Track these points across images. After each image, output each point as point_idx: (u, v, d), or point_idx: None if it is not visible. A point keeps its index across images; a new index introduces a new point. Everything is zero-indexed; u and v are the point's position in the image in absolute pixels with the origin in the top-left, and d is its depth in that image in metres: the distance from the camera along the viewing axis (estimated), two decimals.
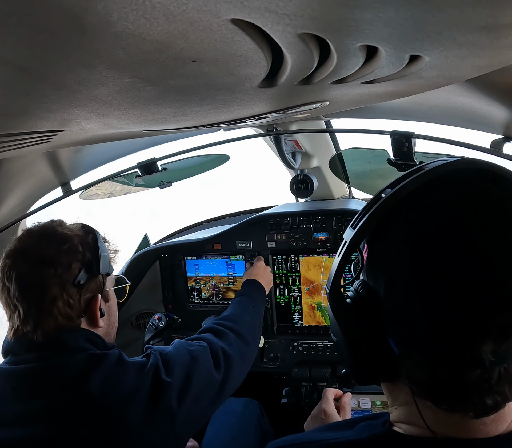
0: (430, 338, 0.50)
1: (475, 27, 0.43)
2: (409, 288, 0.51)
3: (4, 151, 0.84)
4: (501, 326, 0.46)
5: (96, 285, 1.00)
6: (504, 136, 1.17)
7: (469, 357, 0.47)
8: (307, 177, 1.98)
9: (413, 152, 1.17)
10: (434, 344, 0.49)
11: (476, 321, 0.47)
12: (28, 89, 0.48)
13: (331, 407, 1.07)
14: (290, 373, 1.80)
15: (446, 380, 0.50)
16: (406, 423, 0.58)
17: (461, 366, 0.48)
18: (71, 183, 1.51)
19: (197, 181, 2.08)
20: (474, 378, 0.48)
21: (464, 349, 0.47)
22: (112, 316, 1.08)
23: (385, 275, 0.54)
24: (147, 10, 0.31)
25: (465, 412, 0.51)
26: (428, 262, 0.50)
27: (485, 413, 0.51)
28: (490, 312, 0.46)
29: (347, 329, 0.58)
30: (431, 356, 0.50)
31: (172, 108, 0.69)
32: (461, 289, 0.47)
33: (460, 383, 0.49)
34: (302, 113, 1.08)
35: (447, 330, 0.48)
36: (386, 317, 0.54)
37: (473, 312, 0.47)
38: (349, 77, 0.61)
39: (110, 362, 0.91)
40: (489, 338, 0.46)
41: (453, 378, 0.49)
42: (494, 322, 0.46)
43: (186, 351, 1.04)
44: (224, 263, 2.01)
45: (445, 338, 0.48)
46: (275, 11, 0.34)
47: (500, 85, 0.89)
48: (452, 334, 0.48)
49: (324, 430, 0.70)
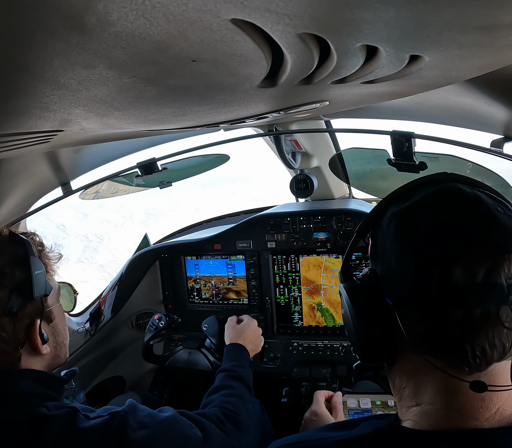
0: (414, 279, 0.56)
1: (475, 27, 0.43)
2: (395, 244, 0.60)
3: (4, 151, 0.84)
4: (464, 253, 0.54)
5: (33, 309, 0.85)
6: (504, 136, 1.17)
7: (445, 290, 0.53)
8: (307, 177, 1.98)
9: (413, 152, 1.17)
10: (417, 285, 0.55)
11: (446, 253, 0.54)
12: (28, 89, 0.48)
13: (321, 408, 1.08)
14: (290, 373, 1.80)
15: (435, 323, 0.55)
16: (415, 404, 0.60)
17: (442, 306, 0.54)
18: (71, 183, 1.51)
19: (195, 181, 2.09)
20: (457, 318, 0.53)
21: (440, 280, 0.53)
22: (59, 336, 0.94)
23: (381, 247, 0.63)
24: (147, 10, 0.31)
25: (460, 368, 0.54)
26: (408, 221, 0.60)
27: (476, 366, 0.54)
28: (458, 245, 0.54)
29: (355, 305, 0.65)
30: (417, 301, 0.56)
31: (172, 108, 0.69)
32: (435, 234, 0.56)
33: (447, 326, 0.53)
34: (302, 113, 1.08)
35: (425, 268, 0.55)
36: (382, 281, 0.62)
37: (443, 247, 0.55)
38: (349, 77, 0.61)
39: (58, 429, 0.77)
40: (458, 265, 0.53)
41: (440, 320, 0.54)
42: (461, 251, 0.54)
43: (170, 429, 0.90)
44: (224, 263, 2.01)
45: (425, 275, 0.54)
46: (275, 11, 0.34)
47: (500, 85, 0.89)
48: (429, 269, 0.54)
49: (328, 429, 0.71)
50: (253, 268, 1.95)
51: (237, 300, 2.01)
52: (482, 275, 0.52)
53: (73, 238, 12.35)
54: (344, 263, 0.72)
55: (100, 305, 2.01)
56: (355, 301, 0.66)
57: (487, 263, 0.52)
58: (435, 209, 0.59)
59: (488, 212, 0.56)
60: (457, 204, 0.58)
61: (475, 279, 0.52)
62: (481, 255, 0.53)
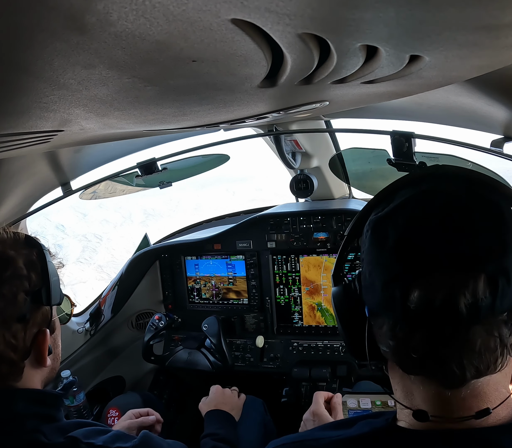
0: (381, 294, 0.55)
1: (475, 27, 0.43)
2: (370, 256, 0.59)
3: (4, 151, 0.83)
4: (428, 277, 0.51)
5: (42, 317, 0.80)
6: (504, 136, 1.17)
7: (407, 311, 0.52)
8: (307, 177, 1.98)
9: (413, 152, 1.17)
10: (385, 300, 0.55)
11: (408, 272, 0.53)
12: (28, 89, 0.48)
13: (321, 409, 1.08)
14: (290, 373, 1.80)
15: (401, 339, 0.54)
16: (408, 406, 0.60)
17: (406, 326, 0.53)
18: (71, 183, 1.51)
19: (194, 182, 2.10)
20: (418, 338, 0.52)
21: (403, 301, 0.52)
22: (57, 348, 0.90)
23: (363, 255, 0.62)
24: (147, 10, 0.31)
25: (436, 382, 0.54)
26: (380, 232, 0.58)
27: (451, 383, 0.53)
28: (421, 266, 0.52)
29: (342, 306, 0.67)
30: (386, 315, 0.56)
31: (172, 108, 0.69)
32: (404, 248, 0.54)
33: (409, 343, 0.53)
34: (302, 113, 1.08)
35: (391, 284, 0.54)
36: (363, 290, 0.62)
37: (407, 265, 0.53)
38: (349, 77, 0.61)
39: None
40: (417, 287, 0.51)
41: (404, 339, 0.54)
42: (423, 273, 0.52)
43: None
44: (224, 263, 2.01)
45: (391, 293, 0.54)
46: (275, 11, 0.34)
47: (500, 85, 0.89)
48: (394, 288, 0.53)
49: (326, 428, 0.71)
50: (253, 268, 1.95)
51: (237, 300, 2.01)
52: (439, 301, 0.50)
53: (72, 239, 12.33)
54: (335, 267, 0.71)
55: (100, 305, 2.01)
56: (338, 307, 0.68)
57: (444, 289, 0.50)
58: (406, 221, 0.56)
59: (466, 220, 0.52)
60: (431, 212, 0.54)
61: (432, 304, 0.50)
62: (440, 279, 0.50)
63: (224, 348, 1.76)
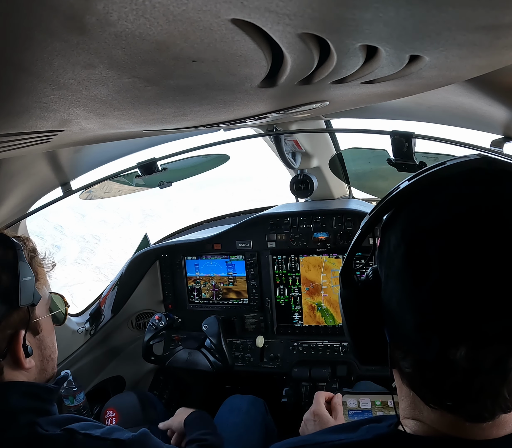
0: (414, 335, 0.50)
1: (475, 27, 0.43)
2: (399, 284, 0.51)
3: (4, 151, 0.83)
4: (481, 334, 0.45)
5: (18, 318, 0.78)
6: (504, 136, 1.17)
7: (444, 361, 0.47)
8: (307, 177, 1.98)
9: (413, 152, 1.17)
10: (416, 341, 0.50)
11: (456, 326, 0.46)
12: (28, 89, 0.48)
13: (321, 409, 1.08)
14: (290, 373, 1.80)
15: (428, 378, 0.50)
16: (411, 418, 0.58)
17: (438, 368, 0.48)
18: (71, 183, 1.51)
19: (193, 182, 2.10)
20: (451, 383, 0.48)
21: (441, 351, 0.47)
22: (46, 349, 0.87)
23: (385, 266, 0.55)
24: (147, 10, 0.31)
25: (456, 415, 0.51)
26: (419, 260, 0.48)
27: (474, 420, 0.50)
28: (474, 320, 0.45)
29: (351, 309, 0.59)
30: (414, 352, 0.51)
31: (172, 108, 0.69)
32: (449, 295, 0.46)
33: (439, 385, 0.49)
34: (302, 113, 1.08)
35: (428, 331, 0.48)
36: (383, 306, 0.55)
37: (455, 317, 0.46)
38: (349, 77, 0.61)
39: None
40: (464, 345, 0.46)
41: (434, 378, 0.50)
42: (474, 329, 0.45)
43: None
44: (224, 263, 2.01)
45: (426, 338, 0.48)
46: (275, 11, 0.34)
47: (500, 85, 0.89)
48: (432, 335, 0.48)
49: (327, 432, 0.70)
50: (253, 268, 1.95)
51: (237, 300, 2.01)
52: (490, 364, 0.45)
53: (70, 239, 12.30)
54: (344, 266, 0.62)
55: (100, 305, 2.01)
56: (348, 316, 0.60)
57: (501, 351, 0.45)
58: (460, 251, 0.45)
59: None
60: (492, 249, 0.44)
61: (481, 365, 0.45)
62: (497, 339, 0.44)
63: (224, 348, 1.76)
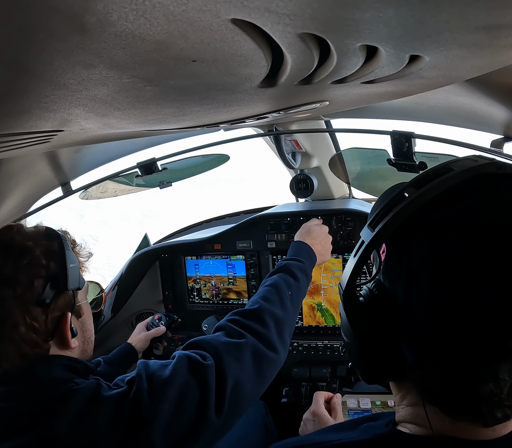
0: (447, 352, 0.48)
1: (475, 27, 0.43)
2: (430, 301, 0.49)
3: (4, 151, 0.83)
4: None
5: (65, 301, 0.87)
6: (504, 136, 1.17)
7: (485, 374, 0.47)
8: (307, 177, 1.98)
9: (413, 152, 1.17)
10: (450, 358, 0.48)
11: (497, 341, 0.45)
12: (28, 89, 0.48)
13: (321, 409, 1.08)
14: (290, 373, 1.80)
15: (457, 392, 0.50)
16: (412, 423, 0.58)
17: (474, 381, 0.48)
18: (71, 183, 1.51)
19: (192, 182, 2.09)
20: (486, 392, 0.47)
21: (481, 366, 0.47)
22: (87, 332, 0.97)
23: (405, 281, 0.52)
24: (147, 10, 0.31)
25: (474, 422, 0.51)
26: (454, 279, 0.47)
27: (495, 423, 0.51)
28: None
29: (358, 329, 0.55)
30: (445, 368, 0.50)
31: (172, 108, 0.69)
32: (487, 311, 0.45)
33: (471, 396, 0.49)
34: (302, 113, 1.08)
35: (466, 348, 0.47)
36: (403, 322, 0.52)
37: (496, 332, 0.45)
38: (349, 77, 0.61)
39: (82, 400, 0.77)
40: (509, 359, 0.46)
41: (465, 390, 0.49)
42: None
43: (184, 374, 0.83)
44: (224, 263, 2.01)
45: (463, 354, 0.47)
46: (275, 11, 0.34)
47: (500, 85, 0.89)
48: (471, 352, 0.47)
49: (326, 432, 0.70)
50: (253, 268, 1.95)
51: (237, 300, 2.01)
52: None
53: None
54: (349, 281, 0.56)
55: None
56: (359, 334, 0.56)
57: None
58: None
59: None
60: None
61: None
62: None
63: None
